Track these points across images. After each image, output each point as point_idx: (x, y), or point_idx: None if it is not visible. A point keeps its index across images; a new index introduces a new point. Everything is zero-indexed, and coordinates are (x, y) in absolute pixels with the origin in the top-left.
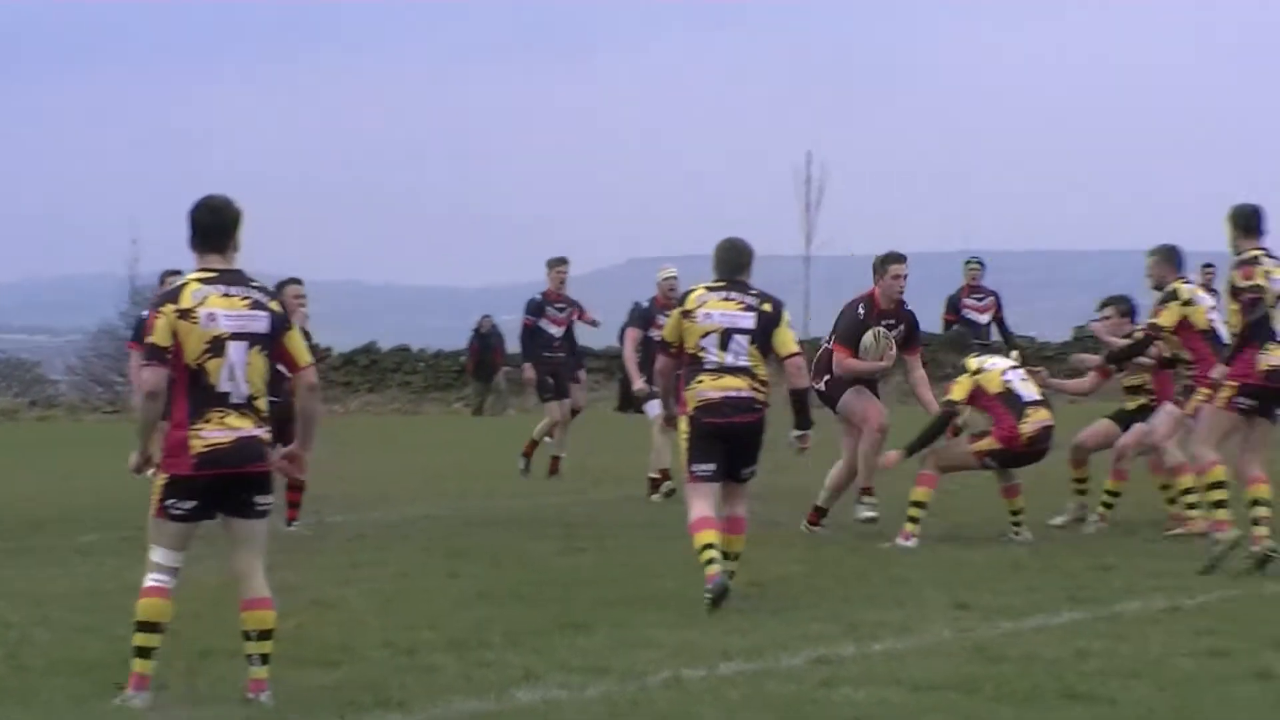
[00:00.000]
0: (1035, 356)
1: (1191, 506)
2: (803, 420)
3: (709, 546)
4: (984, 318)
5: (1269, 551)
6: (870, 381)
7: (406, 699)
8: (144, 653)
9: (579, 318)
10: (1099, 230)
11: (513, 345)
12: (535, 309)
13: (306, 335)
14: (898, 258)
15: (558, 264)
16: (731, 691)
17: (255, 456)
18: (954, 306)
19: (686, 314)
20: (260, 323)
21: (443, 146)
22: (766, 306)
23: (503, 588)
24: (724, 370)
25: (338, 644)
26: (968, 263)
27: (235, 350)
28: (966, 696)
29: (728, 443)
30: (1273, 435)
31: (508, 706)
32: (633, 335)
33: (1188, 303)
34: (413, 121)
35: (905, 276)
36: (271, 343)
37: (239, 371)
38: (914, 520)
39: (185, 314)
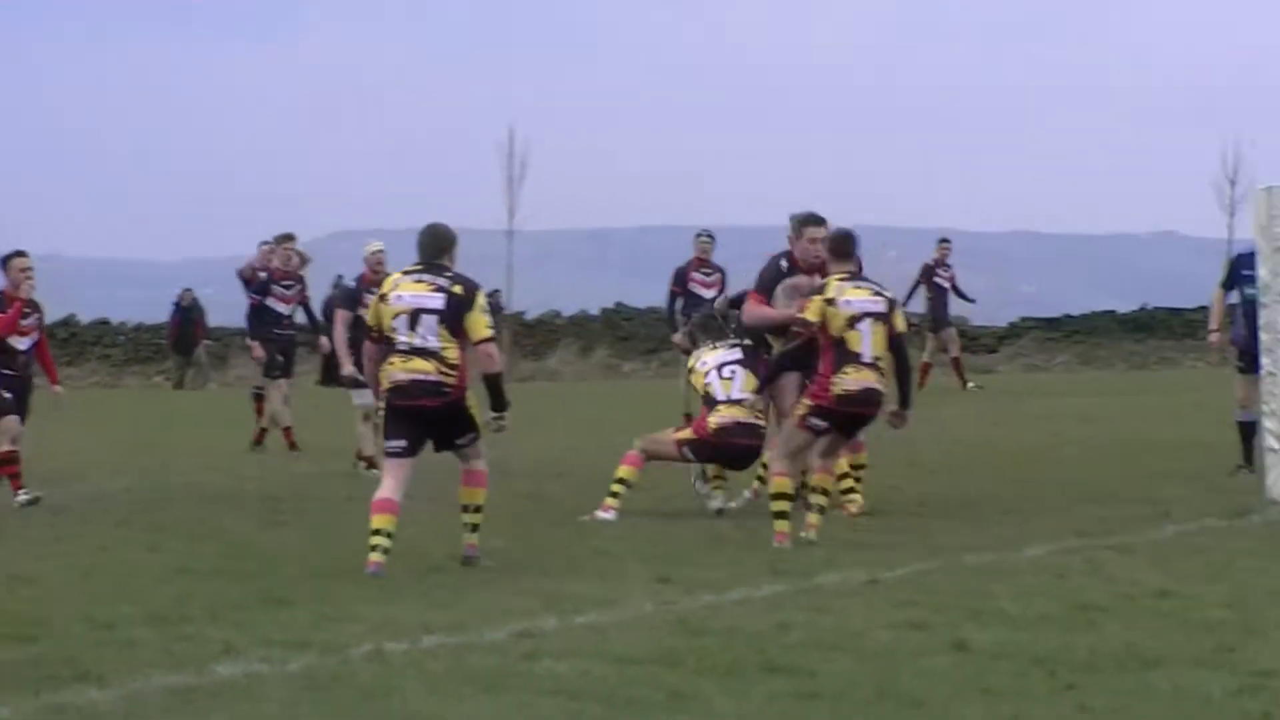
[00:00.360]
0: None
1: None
2: (498, 403)
3: (377, 532)
4: (710, 293)
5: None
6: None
7: (105, 673)
8: None
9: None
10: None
11: (216, 319)
12: (261, 288)
13: (35, 306)
14: (815, 220)
15: (285, 240)
16: (434, 664)
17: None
18: (681, 279)
19: (383, 298)
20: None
21: (142, 116)
22: (458, 289)
23: (204, 562)
24: (413, 352)
25: (35, 618)
26: (698, 236)
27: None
28: (669, 669)
29: (421, 424)
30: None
31: (208, 680)
32: (342, 316)
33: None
34: (113, 90)
35: (821, 240)
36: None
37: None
38: (615, 495)
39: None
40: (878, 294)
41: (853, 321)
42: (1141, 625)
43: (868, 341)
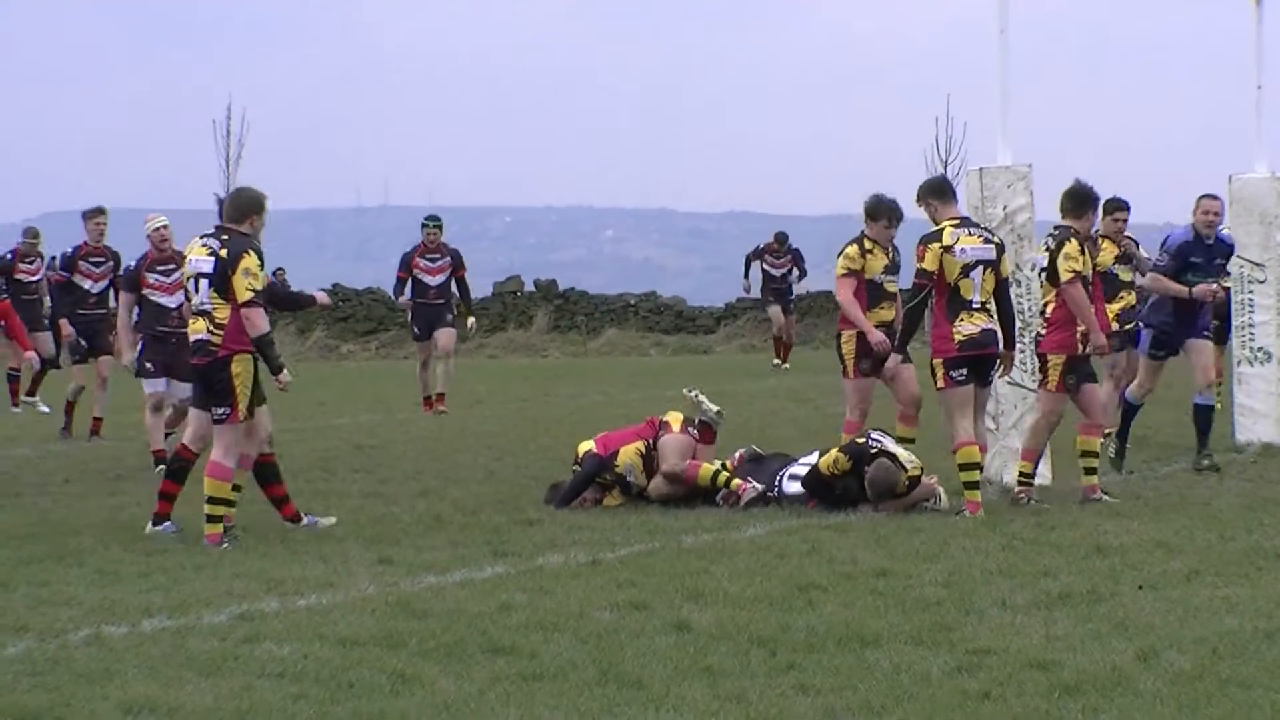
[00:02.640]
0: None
1: None
2: (273, 366)
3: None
4: (435, 279)
5: None
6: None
7: None
8: None
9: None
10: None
11: None
12: (67, 263)
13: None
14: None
15: (95, 215)
16: (154, 648)
17: None
18: (406, 265)
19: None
20: None
21: None
22: (224, 252)
23: None
24: (197, 314)
25: None
26: (424, 224)
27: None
28: (391, 651)
29: (199, 383)
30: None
31: None
32: (125, 299)
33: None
34: None
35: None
36: None
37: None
38: None
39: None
40: (988, 241)
41: (967, 270)
42: (860, 604)
43: (978, 288)
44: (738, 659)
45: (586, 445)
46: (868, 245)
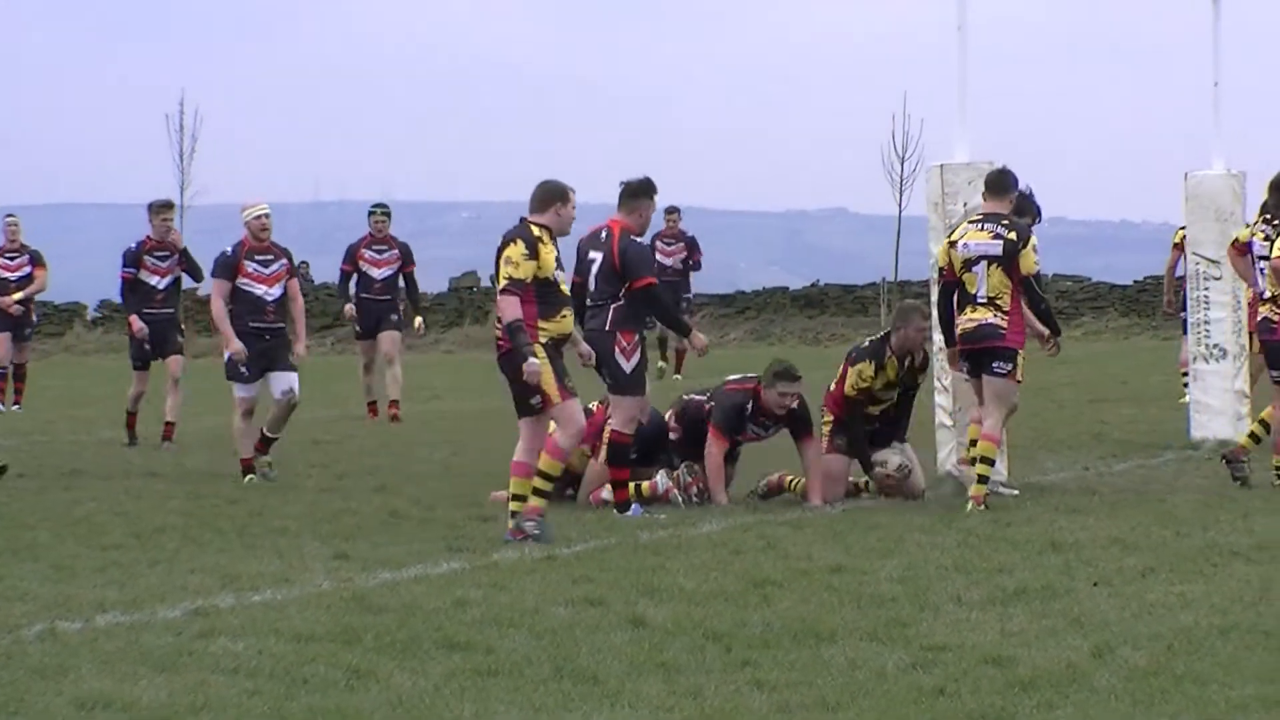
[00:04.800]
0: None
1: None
2: (520, 353)
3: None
4: (382, 271)
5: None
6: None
7: None
8: None
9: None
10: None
11: None
12: (133, 259)
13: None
14: (789, 376)
15: (161, 209)
16: (108, 644)
17: None
18: (351, 257)
19: None
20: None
21: None
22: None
23: None
24: None
25: None
26: (371, 213)
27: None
28: (346, 647)
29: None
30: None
31: None
32: (220, 288)
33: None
34: None
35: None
36: None
37: None
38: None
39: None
40: (997, 237)
41: (969, 264)
42: (816, 600)
43: (982, 282)
44: (693, 655)
45: None
46: None
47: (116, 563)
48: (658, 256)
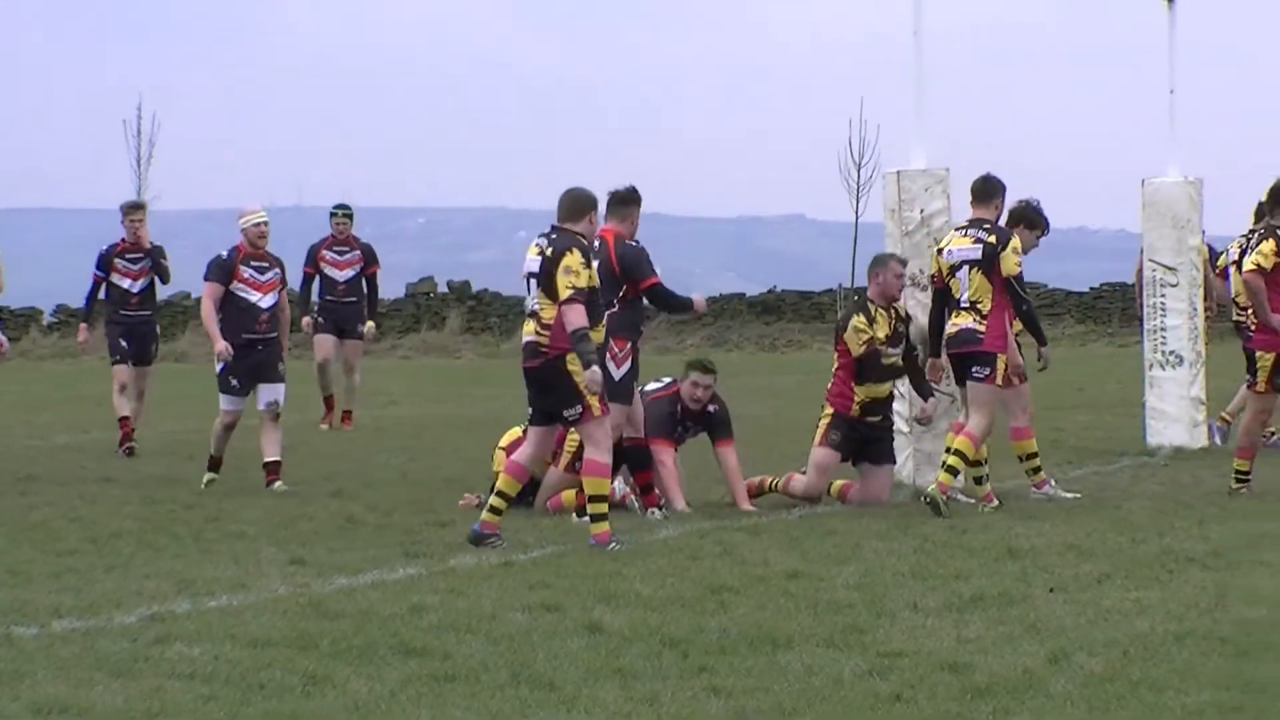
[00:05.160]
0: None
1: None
2: (584, 361)
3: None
4: (344, 273)
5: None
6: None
7: None
8: None
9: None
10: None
11: None
12: (103, 261)
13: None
14: (703, 367)
15: (132, 210)
16: (64, 649)
17: None
18: (312, 259)
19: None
20: None
21: None
22: (549, 250)
23: None
24: (528, 315)
25: None
26: (333, 213)
27: None
28: (302, 652)
29: (533, 387)
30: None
31: None
32: (212, 290)
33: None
34: None
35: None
36: None
37: None
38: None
39: None
40: (978, 240)
41: (954, 269)
42: (772, 606)
43: (965, 287)
44: (650, 661)
45: (499, 460)
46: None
47: (72, 568)
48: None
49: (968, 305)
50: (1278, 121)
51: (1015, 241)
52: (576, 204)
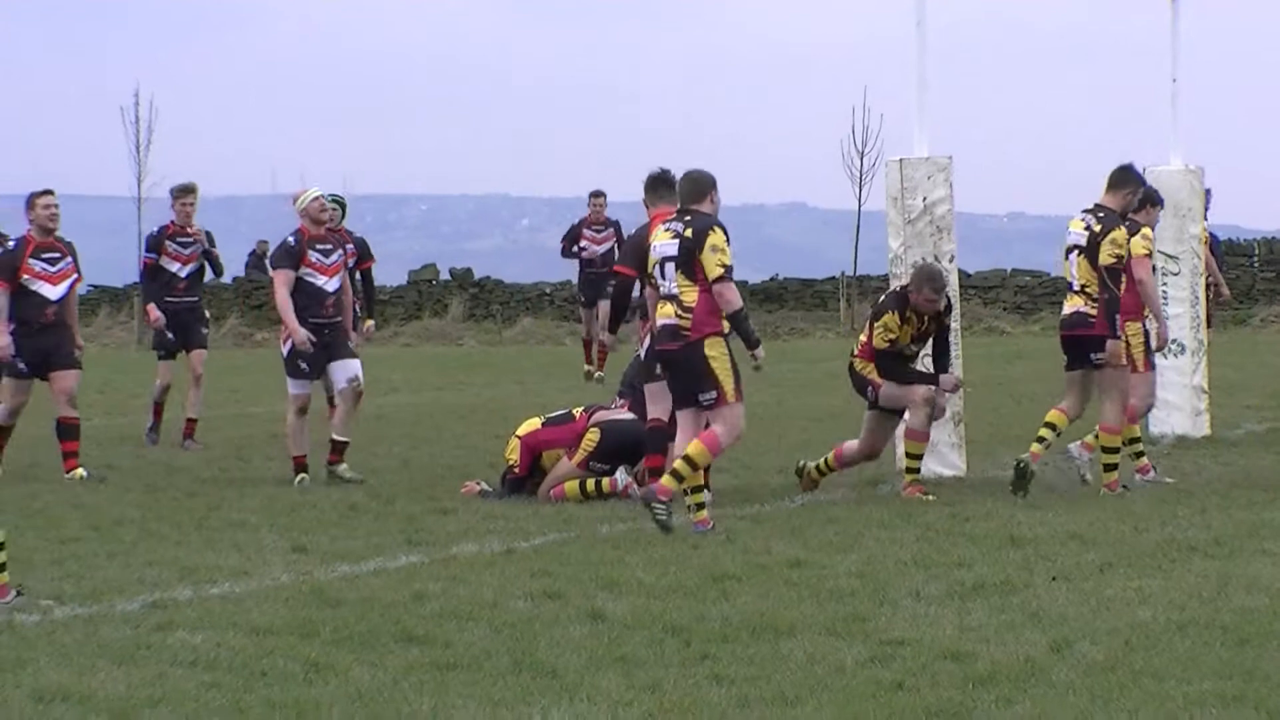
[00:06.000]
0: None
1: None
2: (748, 341)
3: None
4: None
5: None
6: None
7: None
8: None
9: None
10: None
11: None
12: (153, 244)
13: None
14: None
15: (183, 193)
16: (66, 636)
17: None
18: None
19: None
20: None
21: None
22: (688, 232)
23: None
24: (664, 299)
25: None
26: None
27: None
28: (304, 640)
29: (669, 369)
30: None
31: None
32: (285, 277)
33: None
34: None
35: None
36: None
37: None
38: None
39: None
40: (1087, 227)
41: (1067, 253)
42: (775, 595)
43: (1074, 271)
44: (652, 649)
45: (513, 449)
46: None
47: (74, 555)
48: (584, 244)
49: (1078, 289)
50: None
51: (1117, 233)
52: (699, 185)
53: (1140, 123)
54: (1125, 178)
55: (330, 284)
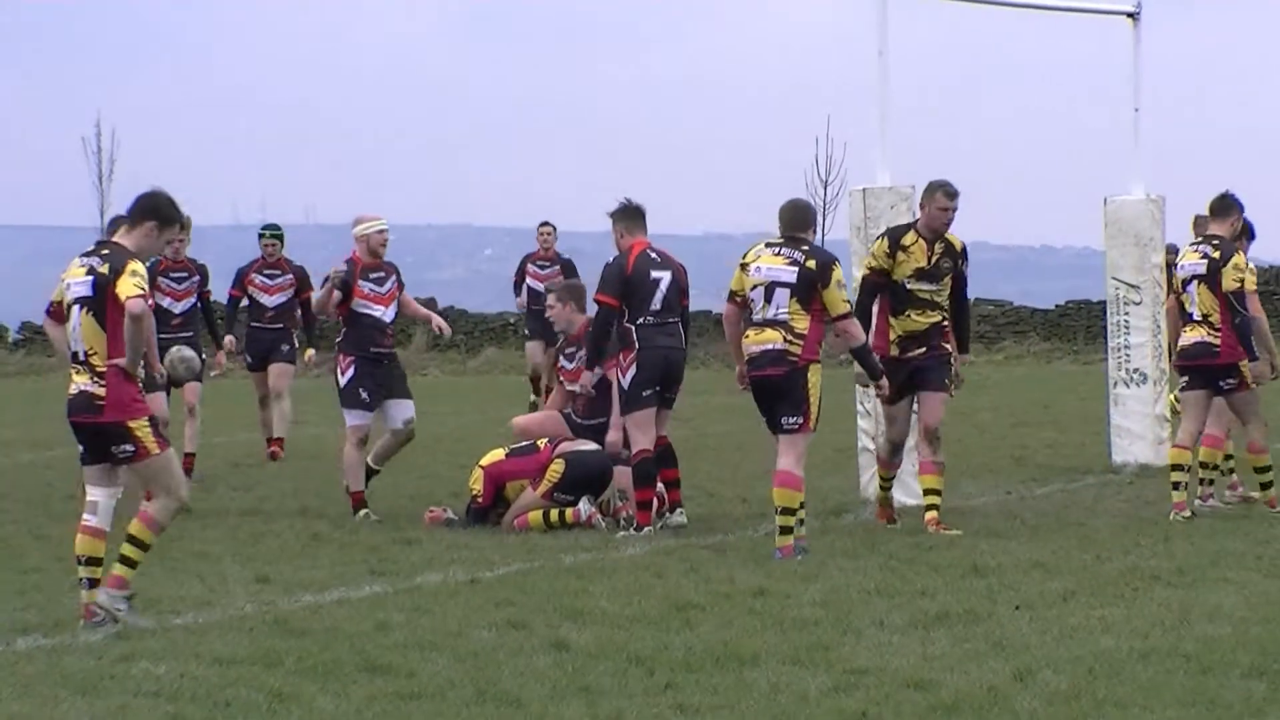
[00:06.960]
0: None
1: None
2: (873, 373)
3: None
4: (273, 299)
5: None
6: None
7: None
8: None
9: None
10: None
11: None
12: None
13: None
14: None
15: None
16: (29, 667)
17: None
18: (240, 281)
19: (744, 267)
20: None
21: None
22: (811, 263)
23: None
24: (765, 324)
25: None
26: (260, 235)
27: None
28: (268, 670)
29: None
30: None
31: None
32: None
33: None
34: None
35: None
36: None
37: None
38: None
39: None
40: (1204, 256)
41: (1185, 284)
42: (738, 624)
43: (1194, 301)
44: (616, 678)
45: (477, 478)
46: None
47: (37, 586)
48: (529, 281)
49: (1200, 319)
50: (1238, 140)
51: (1238, 259)
52: (806, 214)
53: (1102, 152)
54: (1228, 205)
55: (387, 314)
